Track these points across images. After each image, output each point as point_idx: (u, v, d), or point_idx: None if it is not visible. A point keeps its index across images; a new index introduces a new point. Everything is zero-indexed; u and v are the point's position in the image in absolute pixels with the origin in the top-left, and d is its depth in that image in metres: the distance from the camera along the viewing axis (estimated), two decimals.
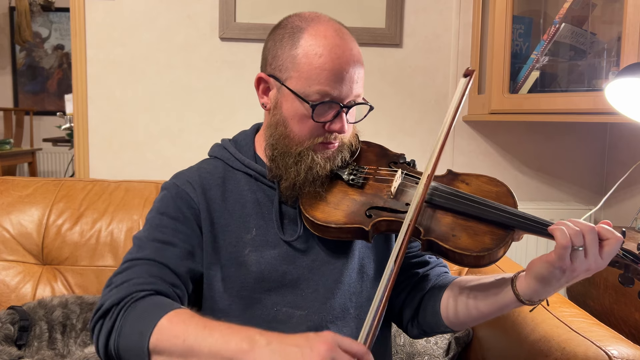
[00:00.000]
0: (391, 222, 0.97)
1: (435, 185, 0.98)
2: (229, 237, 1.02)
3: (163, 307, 0.87)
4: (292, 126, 1.00)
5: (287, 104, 0.99)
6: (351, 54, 0.97)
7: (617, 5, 1.85)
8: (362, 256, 1.07)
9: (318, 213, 0.99)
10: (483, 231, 0.92)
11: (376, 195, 1.00)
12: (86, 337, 1.44)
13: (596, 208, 1.77)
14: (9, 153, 4.44)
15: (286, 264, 1.02)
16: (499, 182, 1.01)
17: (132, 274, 0.94)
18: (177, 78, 2.17)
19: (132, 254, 0.98)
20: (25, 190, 1.66)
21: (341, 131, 0.99)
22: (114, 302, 0.89)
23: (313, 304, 1.01)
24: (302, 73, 0.96)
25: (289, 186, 1.01)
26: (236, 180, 1.06)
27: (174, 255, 0.98)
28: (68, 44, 5.59)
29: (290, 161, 1.00)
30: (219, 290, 1.01)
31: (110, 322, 0.88)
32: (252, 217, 1.03)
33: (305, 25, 0.98)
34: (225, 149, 1.10)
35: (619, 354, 1.00)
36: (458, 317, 1.01)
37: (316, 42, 0.96)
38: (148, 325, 0.84)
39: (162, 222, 1.01)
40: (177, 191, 1.04)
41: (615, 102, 1.53)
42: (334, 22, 1.00)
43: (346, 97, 0.98)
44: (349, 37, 0.99)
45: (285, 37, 0.99)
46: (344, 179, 1.03)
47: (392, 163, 1.07)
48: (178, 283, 0.97)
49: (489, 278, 0.98)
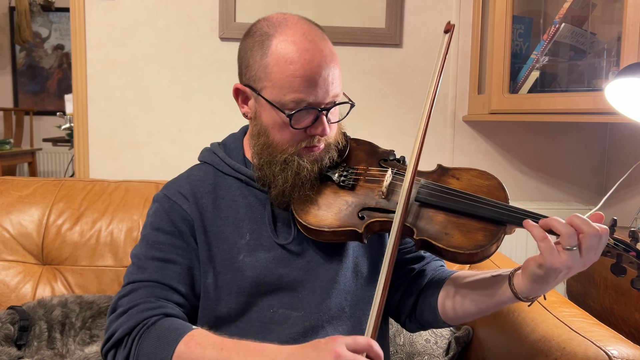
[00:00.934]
0: (384, 223, 0.97)
1: (424, 183, 0.98)
2: (223, 243, 1.02)
3: (177, 331, 0.90)
4: (273, 135, 0.99)
5: (265, 113, 0.98)
6: (322, 55, 0.95)
7: (617, 5, 1.85)
8: (356, 255, 1.07)
9: (310, 217, 0.99)
10: (475, 228, 0.92)
11: (367, 195, 1.00)
12: (85, 336, 1.44)
13: (596, 208, 1.77)
14: (9, 153, 4.44)
15: (282, 266, 1.01)
16: (490, 176, 1.00)
17: (138, 297, 0.95)
18: (177, 78, 2.16)
19: (134, 274, 0.99)
20: (25, 190, 1.66)
21: (323, 134, 0.98)
22: (126, 332, 0.92)
23: (309, 304, 1.01)
24: (276, 82, 0.95)
25: (279, 193, 1.01)
26: (227, 185, 1.06)
27: (175, 274, 0.99)
28: (68, 44, 5.59)
29: (276, 169, 1.00)
30: (214, 298, 1.01)
31: (125, 351, 0.91)
32: (245, 222, 1.03)
33: (272, 31, 0.96)
34: (215, 153, 1.10)
35: (619, 354, 1.00)
36: (455, 312, 1.01)
37: (285, 49, 0.94)
38: (166, 353, 0.87)
39: (158, 238, 1.01)
40: (169, 204, 1.03)
41: (615, 102, 1.53)
42: (303, 22, 0.98)
43: (323, 101, 0.96)
44: (319, 38, 0.97)
45: (255, 46, 0.97)
46: (334, 180, 1.02)
47: (382, 161, 1.06)
48: (183, 301, 0.99)
49: (486, 274, 0.98)
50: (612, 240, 0.86)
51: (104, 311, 1.48)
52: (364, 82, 2.20)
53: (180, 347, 0.87)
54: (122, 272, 1.59)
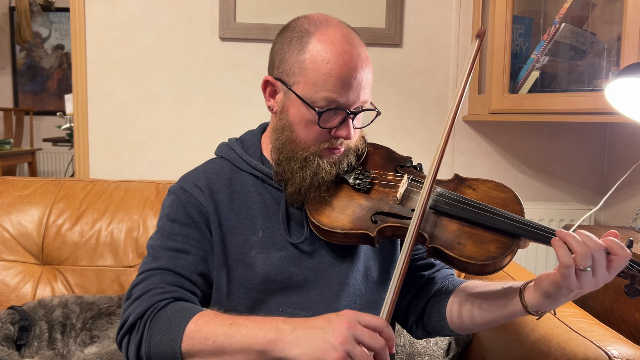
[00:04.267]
0: (397, 228, 0.97)
1: (441, 191, 0.98)
2: (236, 238, 1.02)
3: (186, 312, 0.91)
4: (298, 131, 0.99)
5: (294, 108, 0.99)
6: (359, 59, 0.96)
7: (617, 5, 1.85)
8: (367, 259, 1.07)
9: (324, 218, 0.99)
10: (489, 239, 0.91)
11: (382, 200, 1.00)
12: (86, 337, 1.44)
13: (596, 208, 1.77)
14: (9, 153, 4.44)
15: (292, 265, 1.02)
16: (506, 188, 1.00)
17: (150, 284, 0.96)
18: (177, 78, 2.16)
19: (148, 264, 1.00)
20: (25, 190, 1.66)
21: (347, 137, 0.99)
22: (138, 316, 0.93)
23: (318, 305, 1.01)
24: (309, 79, 0.95)
25: (295, 191, 1.01)
26: (243, 181, 1.06)
27: (188, 263, 1.00)
28: (68, 44, 5.59)
29: (296, 166, 1.00)
30: (225, 292, 1.02)
31: (138, 335, 0.92)
32: (259, 218, 1.03)
33: (313, 29, 0.97)
34: (232, 149, 1.10)
35: (619, 354, 1.00)
36: (464, 322, 1.01)
37: (324, 48, 0.95)
38: (177, 332, 0.88)
39: (173, 229, 1.02)
40: (185, 196, 1.04)
41: (615, 102, 1.53)
42: (342, 26, 0.99)
43: (353, 104, 0.97)
44: (358, 42, 0.98)
45: (293, 41, 0.98)
46: (350, 183, 1.03)
47: (398, 167, 1.06)
48: (194, 289, 1.00)
49: (497, 285, 0.98)
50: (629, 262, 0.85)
51: (104, 312, 1.49)
52: None
53: (190, 327, 0.88)
54: (122, 272, 1.60)
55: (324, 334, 0.80)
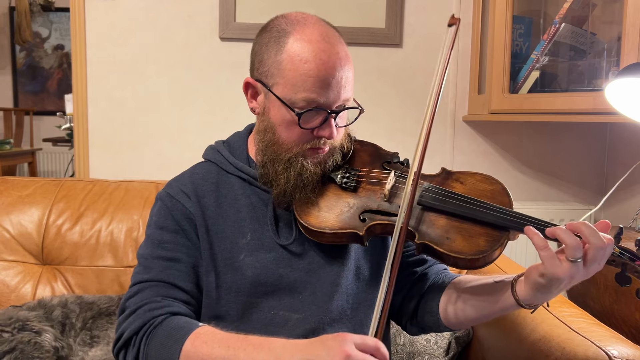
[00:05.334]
0: (385, 226, 0.96)
1: (427, 186, 0.97)
2: (224, 242, 1.02)
3: (183, 330, 0.91)
4: (280, 132, 0.99)
5: (274, 110, 0.98)
6: (338, 57, 0.95)
7: (617, 5, 1.85)
8: (358, 257, 1.07)
9: (312, 218, 0.98)
10: (478, 233, 0.91)
11: (369, 198, 0.99)
12: (86, 337, 1.44)
13: (596, 208, 1.77)
14: (9, 153, 4.44)
15: (282, 267, 1.01)
16: (494, 180, 0.99)
17: (144, 297, 0.96)
18: (177, 78, 2.16)
19: (140, 274, 1.00)
20: (25, 190, 1.66)
21: (330, 137, 0.98)
22: (134, 332, 0.93)
23: (310, 307, 1.01)
24: (288, 80, 0.94)
25: (280, 193, 1.00)
26: (230, 184, 1.06)
27: (180, 272, 0.99)
28: (68, 44, 5.59)
29: (279, 167, 0.99)
30: (214, 297, 1.01)
31: (134, 351, 0.92)
32: (247, 221, 1.03)
33: (290, 28, 0.96)
34: (219, 152, 1.10)
35: (619, 354, 1.00)
36: (457, 318, 1.00)
37: (301, 47, 0.93)
38: (173, 352, 0.88)
39: (162, 237, 1.02)
40: (172, 202, 1.04)
41: (615, 102, 1.53)
42: (321, 24, 0.98)
43: (334, 103, 0.96)
44: (336, 40, 0.97)
45: (271, 42, 0.97)
46: (336, 182, 1.02)
47: (385, 163, 1.05)
48: (188, 299, 1.00)
49: (489, 279, 0.98)
50: (618, 249, 0.85)
51: (104, 312, 1.49)
52: (363, 82, 2.19)
53: (187, 346, 0.88)
54: (122, 272, 1.60)
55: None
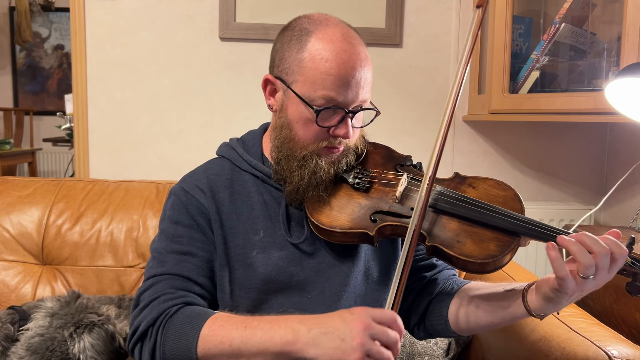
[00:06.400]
0: (396, 227, 0.97)
1: (440, 189, 0.98)
2: (237, 238, 1.03)
3: (199, 317, 0.91)
4: (296, 130, 1.00)
5: (293, 107, 0.99)
6: (358, 58, 0.96)
7: (617, 5, 1.85)
8: (368, 259, 1.07)
9: (323, 217, 0.99)
10: (488, 237, 0.91)
11: (381, 199, 1.00)
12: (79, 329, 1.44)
13: (596, 208, 1.77)
14: (9, 153, 4.44)
15: (293, 265, 1.02)
16: (506, 186, 0.99)
17: (159, 290, 0.96)
18: (177, 78, 2.16)
19: (154, 268, 1.00)
20: (25, 190, 1.66)
21: (346, 136, 0.99)
22: (150, 323, 0.93)
23: (319, 306, 1.01)
24: (308, 77, 0.95)
25: (293, 190, 1.01)
26: (243, 181, 1.06)
27: (195, 266, 1.00)
28: (68, 44, 5.59)
29: (294, 165, 1.00)
30: (228, 292, 1.02)
31: (151, 342, 0.92)
32: (260, 218, 1.03)
33: (313, 28, 0.97)
34: (233, 149, 1.10)
35: (619, 354, 1.00)
36: (467, 324, 1.00)
37: (323, 46, 0.95)
38: (191, 338, 0.89)
39: (177, 231, 1.02)
40: (187, 197, 1.04)
41: (615, 102, 1.53)
42: (342, 25, 0.99)
43: (352, 103, 0.97)
44: (357, 41, 0.98)
45: (293, 40, 0.98)
46: (349, 182, 1.03)
47: (398, 166, 1.06)
48: (203, 292, 1.00)
49: (499, 287, 0.97)
50: (629, 259, 0.84)
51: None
52: None
53: (204, 331, 0.89)
54: (122, 272, 1.60)
55: (342, 335, 0.80)
